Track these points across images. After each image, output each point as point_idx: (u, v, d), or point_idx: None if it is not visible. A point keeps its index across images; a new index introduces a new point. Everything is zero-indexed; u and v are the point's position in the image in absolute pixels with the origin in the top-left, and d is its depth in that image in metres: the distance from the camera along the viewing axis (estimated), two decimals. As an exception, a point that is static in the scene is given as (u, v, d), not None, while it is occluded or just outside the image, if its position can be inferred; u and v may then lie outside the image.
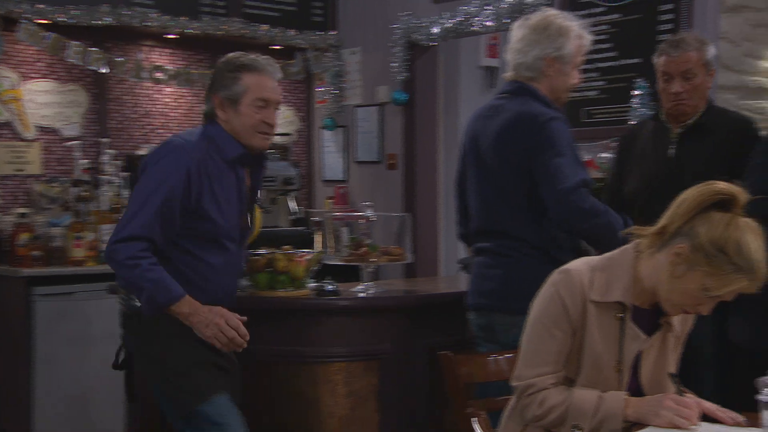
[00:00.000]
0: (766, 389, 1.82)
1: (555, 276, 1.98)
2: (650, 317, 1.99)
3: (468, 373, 2.27)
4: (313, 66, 6.00)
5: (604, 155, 3.56)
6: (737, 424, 1.92)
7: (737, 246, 1.79)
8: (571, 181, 2.57)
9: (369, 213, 3.17)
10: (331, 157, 6.09)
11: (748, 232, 1.81)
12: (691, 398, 1.98)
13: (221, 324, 2.41)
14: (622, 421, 1.90)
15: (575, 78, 2.80)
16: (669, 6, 3.81)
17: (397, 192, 5.44)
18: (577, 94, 4.15)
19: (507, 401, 2.14)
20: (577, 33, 2.76)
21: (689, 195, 1.87)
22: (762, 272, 1.80)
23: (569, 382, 1.98)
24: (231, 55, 2.59)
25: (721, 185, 1.85)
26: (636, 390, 2.00)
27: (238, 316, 2.45)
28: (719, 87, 3.67)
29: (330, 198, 5.97)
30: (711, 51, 2.95)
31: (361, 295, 3.11)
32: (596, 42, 4.02)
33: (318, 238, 5.38)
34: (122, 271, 2.42)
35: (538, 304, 2.00)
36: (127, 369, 2.65)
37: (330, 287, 3.07)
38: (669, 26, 3.78)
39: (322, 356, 3.05)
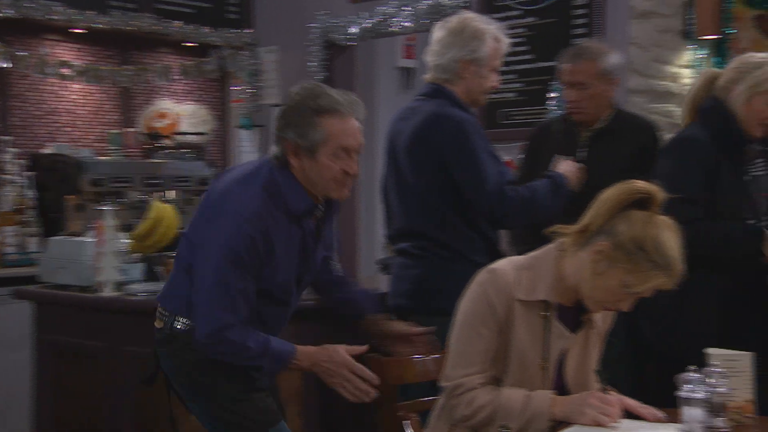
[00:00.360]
0: (686, 386, 1.88)
1: (481, 275, 2.00)
2: (574, 315, 2.03)
3: (397, 376, 2.27)
4: (228, 64, 5.92)
5: (522, 156, 3.61)
6: (658, 420, 1.98)
7: (655, 243, 1.84)
8: (494, 180, 2.61)
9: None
10: (248, 158, 5.99)
11: (665, 229, 1.87)
12: (613, 396, 2.02)
13: (347, 375, 2.22)
14: (548, 420, 1.93)
15: (492, 81, 2.82)
16: (582, 11, 3.90)
17: (316, 192, 5.40)
18: (495, 96, 4.19)
19: (435, 402, 2.15)
20: (494, 36, 2.78)
21: (610, 194, 1.92)
22: (678, 269, 1.86)
23: (497, 381, 2.00)
24: (307, 90, 2.21)
25: (640, 184, 1.91)
26: (561, 388, 2.03)
27: (357, 351, 2.26)
28: (629, 90, 3.79)
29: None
30: (611, 60, 3.02)
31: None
32: (513, 45, 4.09)
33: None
34: (236, 360, 2.22)
35: (465, 304, 2.02)
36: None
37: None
38: (583, 30, 3.88)
39: (242, 360, 2.99)
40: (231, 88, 6.14)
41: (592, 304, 1.98)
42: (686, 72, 4.00)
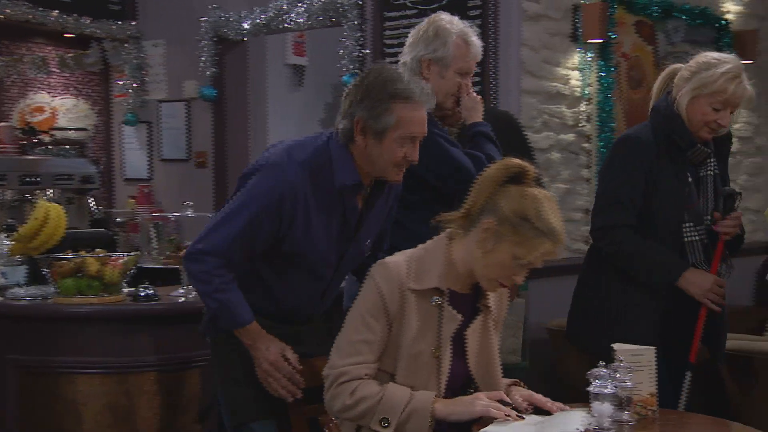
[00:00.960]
0: (596, 381, 1.92)
1: (374, 269, 2.01)
2: (470, 302, 2.06)
3: (309, 379, 2.24)
4: (111, 57, 5.71)
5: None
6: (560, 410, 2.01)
7: (536, 212, 1.90)
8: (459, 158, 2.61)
9: (189, 213, 3.04)
10: (133, 155, 5.81)
11: (543, 199, 1.93)
12: (523, 391, 2.05)
13: (272, 372, 2.21)
14: (429, 417, 1.92)
15: (457, 84, 2.69)
16: (476, 12, 3.95)
17: (207, 191, 5.28)
18: (391, 95, 4.22)
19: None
20: (461, 37, 2.70)
21: (487, 173, 1.98)
22: (561, 234, 1.93)
23: (388, 376, 1.99)
24: (385, 73, 2.17)
25: (514, 161, 1.96)
26: (466, 376, 2.04)
27: (295, 362, 2.23)
28: (522, 91, 3.87)
29: (133, 197, 5.69)
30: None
31: (182, 299, 2.97)
32: (409, 44, 4.12)
33: (123, 240, 5.12)
34: (193, 283, 2.27)
35: (358, 297, 2.02)
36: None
37: (147, 292, 2.91)
38: (477, 31, 3.90)
39: (139, 366, 2.88)
40: (114, 82, 5.93)
41: (487, 283, 2.00)
42: (575, 74, 4.12)
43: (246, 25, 4.95)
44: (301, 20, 4.66)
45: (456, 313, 2.00)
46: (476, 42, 2.72)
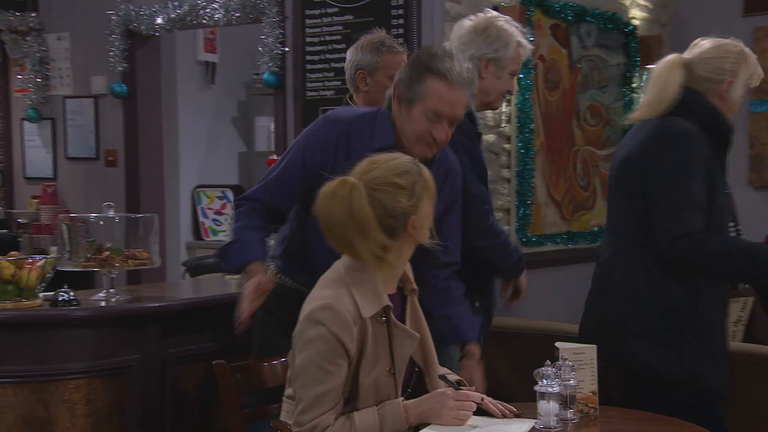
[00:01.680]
0: (542, 381, 1.94)
1: (318, 314, 1.90)
2: (399, 297, 2.06)
3: (244, 383, 2.19)
4: (10, 50, 5.46)
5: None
6: (507, 416, 2.02)
7: (403, 173, 1.95)
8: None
9: (111, 214, 2.92)
10: (35, 153, 5.57)
11: (378, 166, 1.97)
12: (470, 392, 2.05)
13: (251, 291, 2.31)
14: (408, 430, 1.94)
15: (509, 85, 2.76)
16: (399, 11, 3.94)
17: (118, 191, 5.10)
18: (313, 94, 4.18)
19: (279, 408, 2.09)
20: (518, 40, 2.73)
21: (350, 211, 1.91)
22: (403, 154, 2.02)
23: (348, 402, 1.95)
24: (433, 48, 2.28)
25: (345, 184, 1.93)
26: (410, 363, 2.05)
27: (262, 285, 2.30)
28: (447, 91, 3.88)
29: (35, 197, 5.45)
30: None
31: (103, 303, 2.86)
32: (330, 42, 4.09)
33: (26, 242, 4.90)
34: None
35: (306, 346, 1.92)
36: None
37: (67, 296, 2.78)
38: (400, 30, 3.92)
39: (58, 373, 2.74)
40: (15, 77, 5.67)
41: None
42: (495, 75, 4.17)
43: (159, 20, 4.80)
44: (217, 16, 4.55)
45: (411, 332, 2.00)
46: (528, 45, 2.80)
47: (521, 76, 4.22)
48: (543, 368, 1.95)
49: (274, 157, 3.61)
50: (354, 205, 1.88)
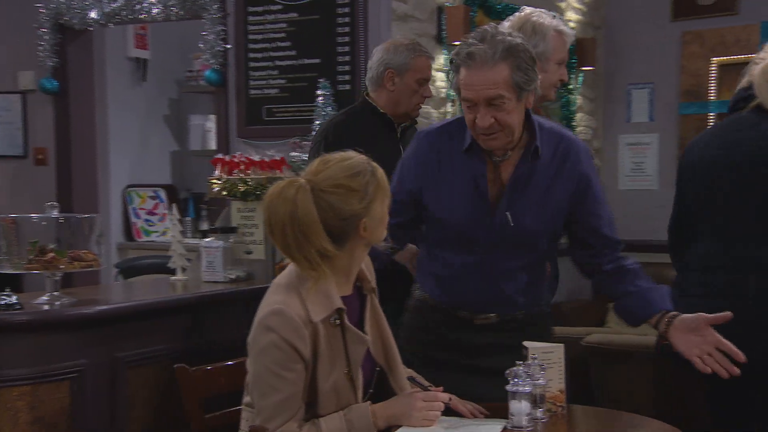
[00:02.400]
0: (513, 380, 1.95)
1: (268, 320, 1.88)
2: (356, 294, 2.04)
3: (205, 387, 2.14)
4: (-71, 43, 5.22)
5: (294, 154, 3.56)
6: (476, 416, 2.03)
7: (353, 175, 1.91)
8: None
9: (54, 214, 2.81)
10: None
11: (328, 167, 1.93)
12: (438, 393, 2.04)
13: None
14: None
15: (560, 74, 2.75)
16: (345, 9, 3.91)
17: (48, 190, 4.92)
18: (257, 93, 4.12)
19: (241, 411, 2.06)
20: (555, 29, 2.71)
21: (295, 215, 1.86)
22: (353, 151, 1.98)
23: (309, 408, 1.93)
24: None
25: (289, 186, 1.89)
26: (371, 363, 2.03)
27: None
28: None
29: (-41, 196, 5.23)
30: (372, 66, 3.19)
31: (47, 307, 2.75)
32: (274, 40, 4.04)
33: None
34: None
35: (259, 353, 1.89)
36: None
37: (9, 300, 2.66)
38: (346, 29, 3.90)
39: (0, 380, 2.63)
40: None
41: (383, 235, 2.03)
42: (440, 75, 4.18)
43: (93, 14, 4.65)
44: (155, 11, 4.44)
45: (362, 335, 1.97)
46: (569, 30, 2.78)
47: (465, 76, 4.24)
48: (514, 368, 1.96)
49: (220, 156, 3.53)
50: (299, 207, 1.84)
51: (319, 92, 3.77)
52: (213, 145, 5.72)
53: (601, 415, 2.11)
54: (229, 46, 4.20)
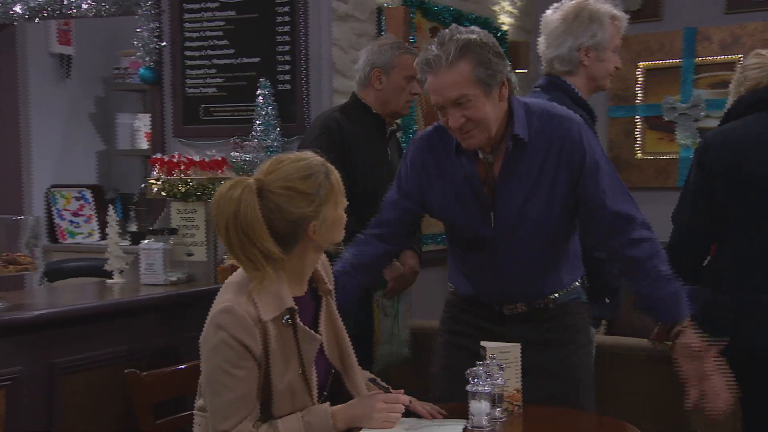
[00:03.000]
0: (474, 380, 1.96)
1: (218, 318, 1.86)
2: (310, 296, 2.03)
3: (157, 391, 2.09)
4: None
5: (235, 154, 3.51)
6: (435, 417, 2.03)
7: (304, 177, 1.90)
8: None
9: (-11, 216, 2.69)
10: None
11: (280, 167, 1.92)
12: (400, 395, 2.04)
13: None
14: None
15: (615, 62, 2.70)
16: (285, 8, 3.87)
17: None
18: (194, 91, 4.04)
19: (192, 416, 2.02)
20: (610, 15, 2.65)
21: (241, 213, 1.84)
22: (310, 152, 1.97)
23: (263, 408, 1.91)
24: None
25: (236, 185, 1.88)
26: (326, 365, 2.01)
27: None
28: (335, 91, 3.86)
29: None
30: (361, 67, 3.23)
31: (-20, 312, 2.63)
32: (212, 38, 3.98)
33: None
34: None
35: (210, 352, 1.87)
36: None
37: (-61, 306, 2.54)
38: (286, 28, 3.86)
39: (-70, 391, 2.51)
40: None
41: (339, 237, 1.99)
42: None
43: (17, 8, 4.48)
44: (84, 6, 4.30)
45: (313, 334, 1.96)
46: (622, 15, 2.71)
47: (404, 77, 4.25)
48: (474, 368, 1.97)
49: (159, 156, 3.44)
50: (241, 207, 1.83)
51: (259, 92, 3.72)
52: (142, 144, 5.60)
53: (556, 414, 2.13)
54: (164, 44, 4.10)
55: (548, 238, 2.26)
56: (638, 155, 5.49)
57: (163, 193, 3.33)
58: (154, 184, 3.36)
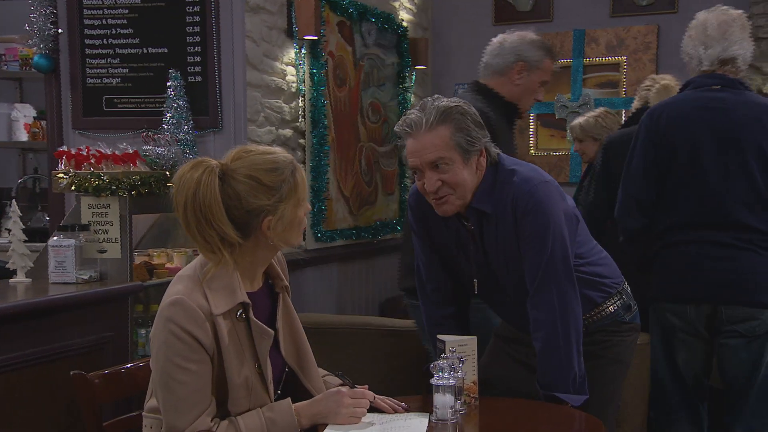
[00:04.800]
0: (438, 374, 1.96)
1: (168, 311, 1.82)
2: (267, 291, 2.01)
3: (105, 392, 2.00)
4: None
5: (147, 147, 3.35)
6: (398, 412, 2.03)
7: (270, 171, 1.86)
8: None
9: None
10: None
11: (248, 157, 1.88)
12: (364, 391, 2.02)
13: None
14: None
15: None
16: (196, -1, 3.74)
17: None
18: (96, 81, 3.85)
19: (141, 417, 1.95)
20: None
21: (201, 198, 1.81)
22: (281, 150, 1.93)
23: (220, 405, 1.86)
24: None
25: (198, 164, 1.85)
26: (281, 363, 1.98)
27: None
28: (248, 84, 3.77)
29: None
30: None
31: None
32: (114, 26, 3.81)
33: None
34: None
35: (161, 347, 1.82)
36: None
37: None
38: (196, 18, 3.73)
39: None
40: None
41: (297, 240, 1.96)
42: (291, 69, 4.12)
43: None
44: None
45: (266, 328, 1.92)
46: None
47: (313, 71, 4.21)
48: (438, 362, 1.98)
49: (64, 148, 3.26)
50: (201, 187, 1.80)
51: (169, 83, 3.58)
52: (21, 136, 5.29)
53: (513, 405, 2.17)
54: (60, 31, 3.89)
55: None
56: (532, 152, 5.66)
57: (72, 188, 3.16)
58: (62, 178, 3.19)
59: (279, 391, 1.99)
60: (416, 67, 5.42)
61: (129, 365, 2.12)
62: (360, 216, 4.73)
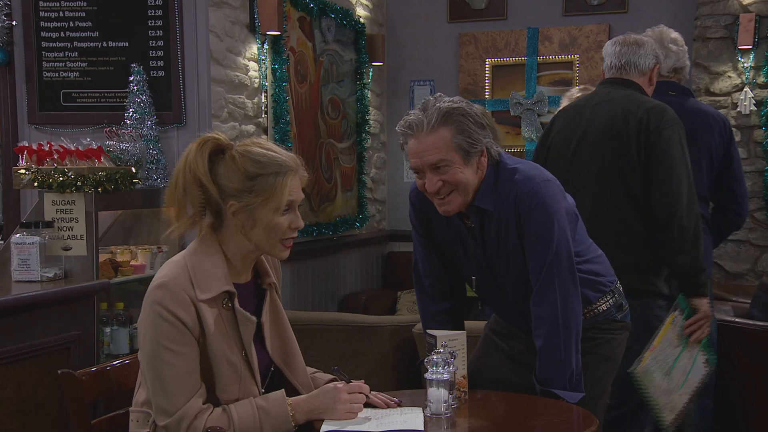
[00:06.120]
0: (432, 368, 1.96)
1: (154, 294, 1.83)
2: (254, 287, 2.00)
3: (93, 391, 1.96)
4: None
5: (111, 143, 3.27)
6: (390, 406, 2.02)
7: (257, 163, 1.87)
8: None
9: None
10: None
11: (250, 147, 1.91)
12: (361, 385, 2.01)
13: None
14: (293, 427, 1.88)
15: None
16: (157, -8, 3.67)
17: None
18: (54, 75, 3.75)
19: (129, 413, 1.92)
20: None
21: (184, 170, 1.87)
22: (292, 158, 1.93)
23: (210, 392, 1.86)
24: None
25: (203, 137, 1.90)
26: (267, 359, 1.97)
27: None
28: (212, 80, 3.72)
29: None
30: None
31: None
32: (72, 19, 3.72)
33: None
34: None
35: (147, 330, 1.82)
36: None
37: None
38: (158, 12, 3.66)
39: None
40: None
41: (278, 251, 1.93)
42: (253, 65, 4.07)
43: None
44: None
45: (249, 315, 1.92)
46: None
47: (275, 67, 4.18)
48: (432, 356, 1.98)
49: (25, 143, 3.17)
50: (190, 157, 1.84)
51: (132, 78, 3.51)
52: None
53: (503, 398, 2.18)
54: (14, 23, 3.77)
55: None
56: (487, 148, 5.70)
57: (35, 184, 3.08)
58: (23, 174, 3.10)
59: (263, 390, 1.97)
60: (373, 64, 5.42)
61: (116, 363, 2.07)
62: (320, 212, 4.71)
